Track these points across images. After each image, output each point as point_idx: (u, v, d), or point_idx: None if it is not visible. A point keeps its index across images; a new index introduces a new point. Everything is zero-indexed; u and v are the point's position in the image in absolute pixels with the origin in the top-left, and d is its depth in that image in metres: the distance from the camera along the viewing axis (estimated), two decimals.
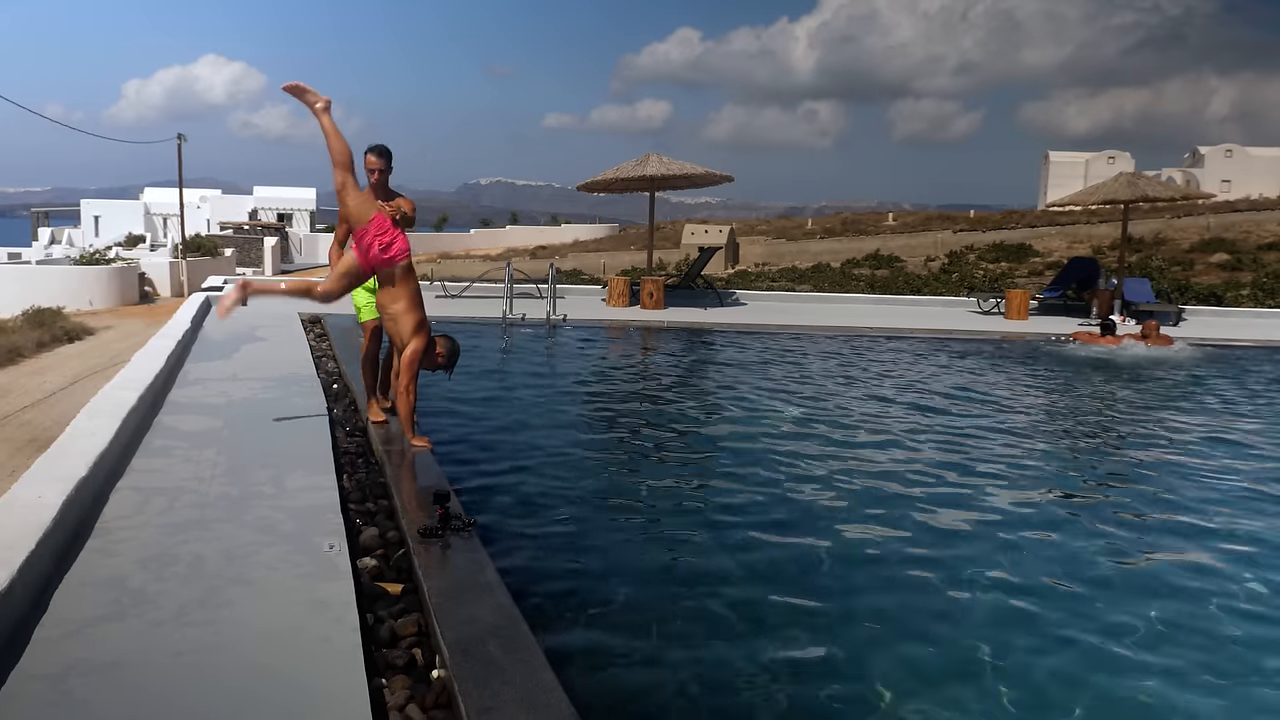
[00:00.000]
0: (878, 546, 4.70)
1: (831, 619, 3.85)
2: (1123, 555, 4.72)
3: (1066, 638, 3.74)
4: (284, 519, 4.02)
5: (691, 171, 16.43)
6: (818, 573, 4.37)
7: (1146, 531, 5.12)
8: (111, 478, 4.45)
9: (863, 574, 4.34)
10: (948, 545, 4.73)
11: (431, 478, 4.72)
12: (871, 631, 3.74)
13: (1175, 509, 5.52)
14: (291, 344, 9.40)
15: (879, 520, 5.10)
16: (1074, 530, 5.08)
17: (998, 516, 5.23)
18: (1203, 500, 5.67)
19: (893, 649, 3.60)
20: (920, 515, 5.19)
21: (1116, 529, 5.10)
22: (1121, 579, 4.41)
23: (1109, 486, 6.08)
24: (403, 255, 5.36)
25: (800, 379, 9.68)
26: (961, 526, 5.03)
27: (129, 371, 6.54)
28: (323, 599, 3.23)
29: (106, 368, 12.90)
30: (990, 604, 4.05)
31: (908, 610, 3.95)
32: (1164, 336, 12.61)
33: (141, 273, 25.97)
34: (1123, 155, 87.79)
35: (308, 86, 5.51)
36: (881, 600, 4.03)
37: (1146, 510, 5.51)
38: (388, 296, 5.38)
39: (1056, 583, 4.28)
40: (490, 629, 3.03)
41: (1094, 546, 4.79)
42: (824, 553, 4.58)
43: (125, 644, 2.88)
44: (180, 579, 3.36)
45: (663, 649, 3.55)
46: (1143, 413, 8.63)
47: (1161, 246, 35.23)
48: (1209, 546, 4.86)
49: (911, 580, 4.26)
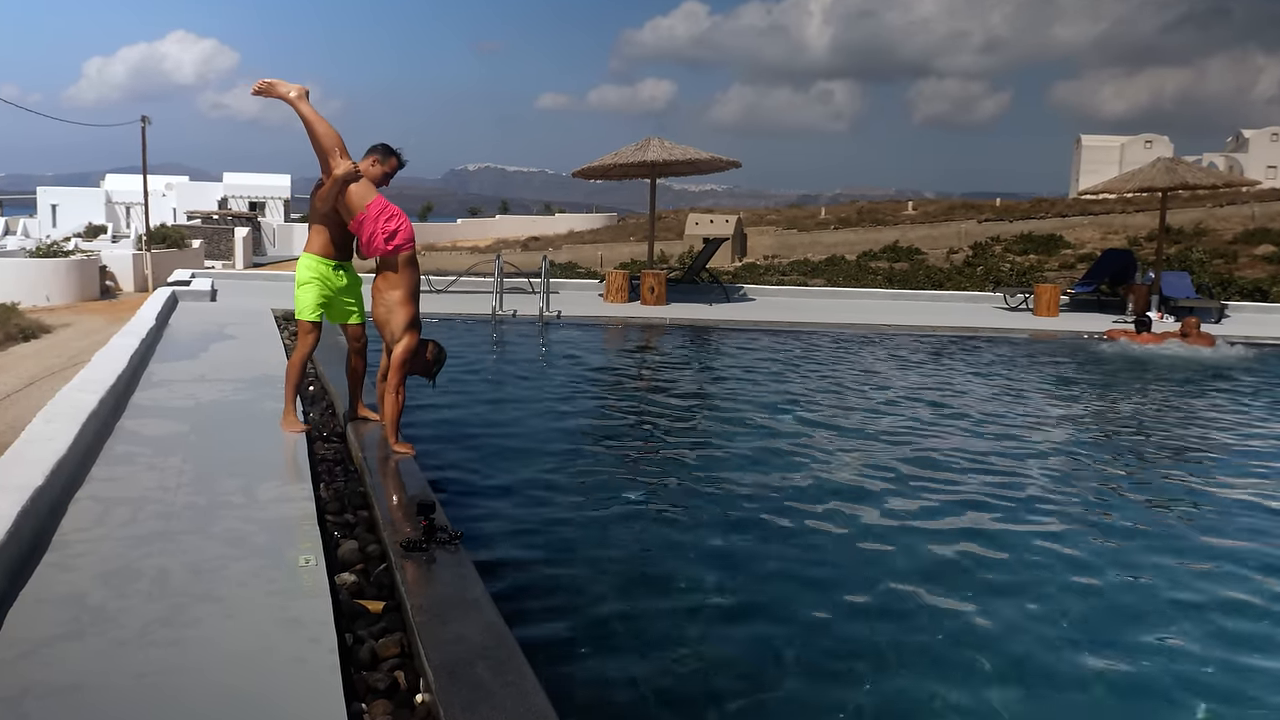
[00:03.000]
0: (904, 577, 4.52)
1: (866, 663, 3.69)
2: (1177, 588, 4.53)
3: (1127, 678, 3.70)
4: (255, 531, 4.02)
5: (696, 157, 16.42)
6: (834, 594, 4.37)
7: (1196, 556, 4.93)
8: (70, 487, 4.44)
9: (891, 625, 4.13)
10: (978, 569, 4.68)
11: (415, 487, 4.71)
12: (915, 683, 3.57)
13: (1230, 530, 5.37)
14: (264, 343, 9.40)
15: (902, 542, 5.00)
16: (1125, 558, 4.87)
17: (1035, 540, 5.09)
18: (1265, 521, 5.51)
19: (936, 689, 3.54)
20: (942, 535, 5.18)
21: (1173, 559, 4.88)
22: (1178, 614, 4.28)
23: (1157, 507, 5.94)
24: (409, 244, 5.38)
25: (813, 380, 9.68)
26: (992, 554, 4.87)
27: (89, 372, 6.54)
28: (297, 617, 3.23)
29: (65, 368, 12.90)
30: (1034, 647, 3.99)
31: (942, 653, 3.81)
32: (1205, 335, 12.60)
33: (102, 266, 25.99)
34: (1161, 139, 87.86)
35: (276, 80, 5.51)
36: (920, 654, 3.80)
37: (1194, 535, 5.28)
38: (386, 282, 5.39)
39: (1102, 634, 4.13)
40: (479, 650, 3.03)
41: (1157, 582, 4.57)
42: (842, 572, 4.58)
43: (85, 665, 2.88)
44: (143, 595, 3.36)
45: (664, 672, 3.56)
46: (1188, 420, 8.55)
47: (1202, 238, 35.25)
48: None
49: (944, 613, 4.21)
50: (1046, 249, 35.78)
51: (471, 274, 17.98)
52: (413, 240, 5.42)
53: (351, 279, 5.83)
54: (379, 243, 5.33)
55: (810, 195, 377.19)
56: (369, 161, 5.57)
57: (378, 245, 5.34)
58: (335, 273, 5.70)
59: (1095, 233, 39.32)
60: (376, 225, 5.32)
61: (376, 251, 5.37)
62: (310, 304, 5.66)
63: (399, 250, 5.34)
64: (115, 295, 25.48)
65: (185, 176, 56.16)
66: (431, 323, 7.07)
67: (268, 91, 5.54)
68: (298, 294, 5.69)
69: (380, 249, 5.35)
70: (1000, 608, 4.18)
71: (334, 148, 5.37)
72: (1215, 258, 30.08)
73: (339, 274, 5.72)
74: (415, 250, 5.47)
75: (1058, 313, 16.13)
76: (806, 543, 4.91)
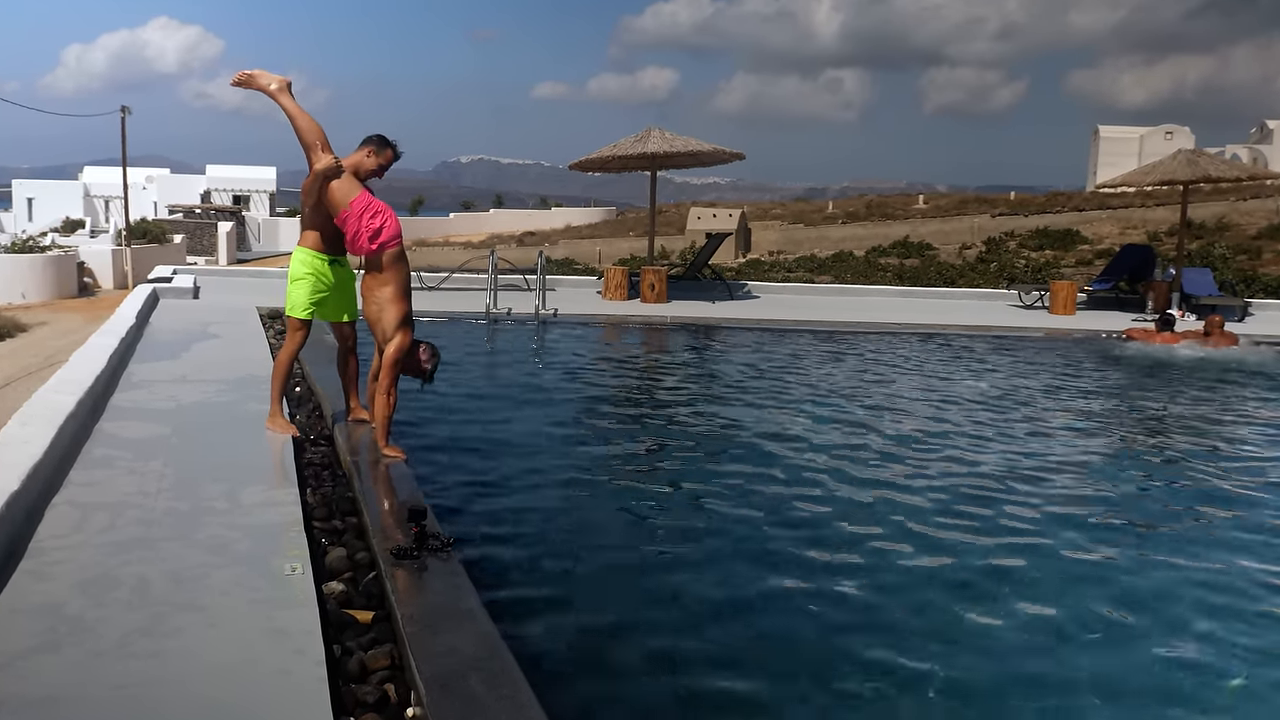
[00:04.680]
0: (924, 601, 4.47)
1: (882, 682, 3.66)
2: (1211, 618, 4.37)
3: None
4: (239, 538, 4.02)
5: (698, 148, 16.43)
6: (844, 606, 4.36)
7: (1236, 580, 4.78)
8: (46, 492, 4.44)
9: (901, 631, 4.16)
10: (995, 581, 4.64)
11: (406, 492, 4.71)
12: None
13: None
14: (248, 342, 9.40)
15: (919, 559, 4.93)
16: (1156, 575, 4.79)
17: (1059, 550, 5.04)
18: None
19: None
20: (956, 548, 5.16)
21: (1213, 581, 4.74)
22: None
23: (1185, 517, 5.87)
24: (394, 242, 5.39)
25: (821, 381, 9.68)
26: (1014, 562, 4.83)
27: (66, 373, 6.54)
28: (283, 628, 3.22)
29: (41, 368, 12.91)
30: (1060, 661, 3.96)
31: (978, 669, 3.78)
32: (1228, 334, 12.61)
33: (80, 262, 26.01)
34: (1182, 130, 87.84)
35: (256, 71, 5.51)
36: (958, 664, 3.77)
37: (1234, 555, 5.12)
38: (375, 281, 5.40)
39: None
40: (472, 662, 3.03)
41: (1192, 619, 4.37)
42: (860, 586, 4.56)
43: (61, 677, 2.87)
44: (123, 605, 3.35)
45: (664, 685, 3.55)
46: (1213, 424, 8.50)
47: (1225, 232, 35.24)
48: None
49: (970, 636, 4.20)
50: (1063, 244, 35.77)
51: (464, 271, 17.99)
52: (399, 237, 5.42)
53: (346, 275, 5.85)
54: (363, 241, 5.34)
55: (817, 188, 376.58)
56: (364, 153, 5.56)
57: (362, 244, 5.35)
58: (330, 268, 5.71)
59: (1114, 227, 39.31)
60: (360, 223, 5.32)
61: (362, 250, 5.38)
62: (303, 300, 5.65)
63: (384, 248, 5.35)
64: (94, 292, 25.49)
65: (167, 169, 56.25)
66: (423, 321, 7.06)
67: (247, 83, 5.53)
68: (290, 289, 5.67)
69: (365, 248, 5.36)
70: (1033, 621, 4.18)
71: (315, 142, 5.36)
72: (1238, 253, 30.06)
73: (334, 269, 5.74)
74: (403, 246, 5.47)
75: (1074, 311, 16.14)
76: (813, 552, 4.90)
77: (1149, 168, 17.45)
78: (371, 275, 5.42)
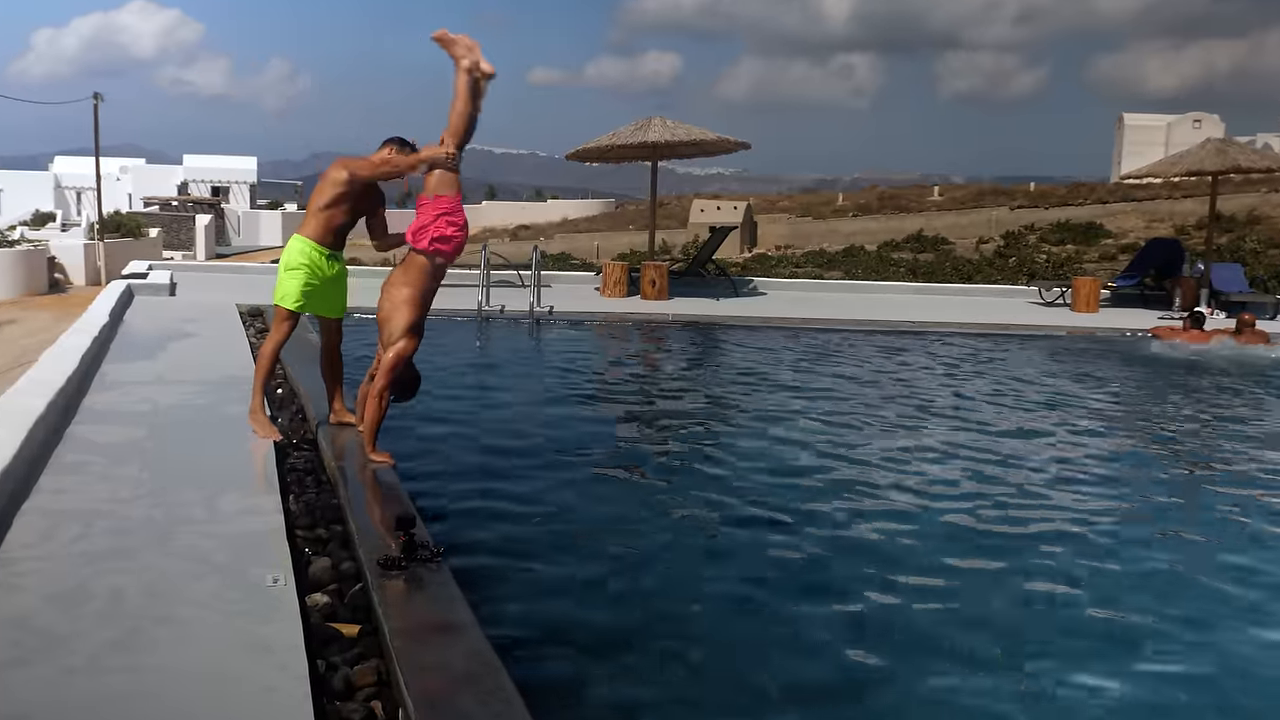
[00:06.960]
0: (938, 611, 4.48)
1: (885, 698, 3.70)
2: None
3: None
4: (218, 547, 4.02)
5: (702, 138, 16.44)
6: (853, 632, 4.36)
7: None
8: (15, 499, 4.44)
9: (915, 638, 4.18)
10: (1021, 605, 4.65)
11: (394, 499, 4.72)
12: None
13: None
14: (227, 341, 9.41)
15: (934, 573, 4.90)
16: (1190, 593, 4.76)
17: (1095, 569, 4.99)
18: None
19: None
20: (976, 566, 5.17)
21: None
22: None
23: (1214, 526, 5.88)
24: (449, 257, 5.47)
25: (830, 382, 9.69)
26: (1044, 587, 4.79)
27: (36, 373, 6.55)
28: (264, 642, 3.23)
29: (9, 369, 12.90)
30: None
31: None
32: (1259, 332, 12.60)
33: (51, 257, 26.01)
34: (1210, 118, 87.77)
35: (467, 40, 5.53)
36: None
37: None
38: (402, 277, 5.44)
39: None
40: (463, 677, 3.03)
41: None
42: (869, 602, 4.57)
43: (31, 693, 2.88)
44: (96, 617, 3.36)
45: (663, 701, 3.56)
46: (1248, 429, 8.43)
47: (1256, 226, 35.24)
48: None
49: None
50: (1085, 238, 35.75)
51: (455, 265, 18.01)
52: (457, 253, 5.50)
53: (341, 270, 5.88)
54: (425, 240, 5.37)
55: (827, 180, 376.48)
56: (387, 152, 5.67)
57: (422, 241, 5.38)
58: (328, 261, 5.74)
59: (1139, 221, 39.29)
60: (435, 221, 5.37)
61: (419, 243, 5.40)
62: (294, 291, 5.65)
63: (437, 254, 5.41)
64: (65, 289, 25.48)
65: (142, 159, 56.25)
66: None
67: (448, 47, 5.56)
68: (282, 278, 5.68)
69: (424, 246, 5.40)
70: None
71: (455, 133, 5.52)
72: (1270, 248, 30.05)
73: (331, 264, 5.77)
74: (450, 263, 5.55)
75: (1098, 308, 16.15)
76: (818, 562, 4.90)
77: (1176, 157, 17.47)
78: (402, 269, 5.46)
